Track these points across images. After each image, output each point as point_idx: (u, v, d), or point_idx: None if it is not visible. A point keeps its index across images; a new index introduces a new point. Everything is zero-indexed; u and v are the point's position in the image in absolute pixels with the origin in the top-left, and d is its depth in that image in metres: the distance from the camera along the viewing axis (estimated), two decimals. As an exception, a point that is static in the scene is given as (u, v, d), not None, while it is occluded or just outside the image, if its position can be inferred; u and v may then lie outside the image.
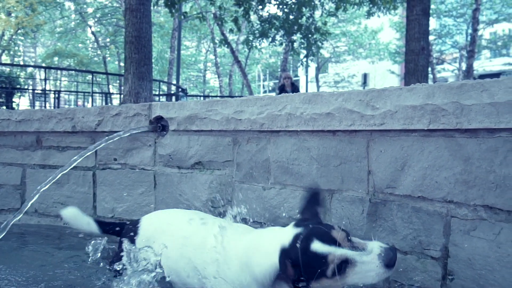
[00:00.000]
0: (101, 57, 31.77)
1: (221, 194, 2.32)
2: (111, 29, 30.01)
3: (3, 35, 26.26)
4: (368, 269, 1.28)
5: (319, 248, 1.28)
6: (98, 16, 29.69)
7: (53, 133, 2.92)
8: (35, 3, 24.01)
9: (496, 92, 1.43)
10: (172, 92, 20.20)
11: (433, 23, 26.92)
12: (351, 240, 1.34)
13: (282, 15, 15.93)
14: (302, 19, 16.16)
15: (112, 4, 28.92)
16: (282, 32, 17.05)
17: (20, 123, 2.97)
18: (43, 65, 28.69)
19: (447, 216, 1.58)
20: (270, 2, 15.33)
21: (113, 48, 30.64)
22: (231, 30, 14.94)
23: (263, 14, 16.10)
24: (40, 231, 2.77)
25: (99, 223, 2.01)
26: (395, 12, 16.49)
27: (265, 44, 19.60)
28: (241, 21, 14.57)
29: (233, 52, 20.46)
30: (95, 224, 1.99)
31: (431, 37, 20.54)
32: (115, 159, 2.74)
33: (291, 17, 15.91)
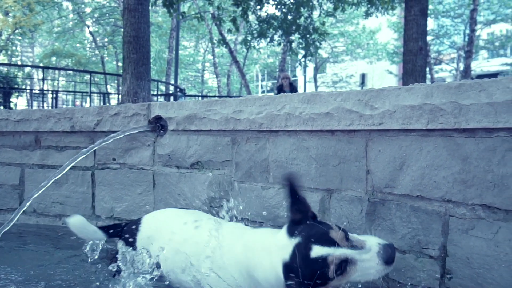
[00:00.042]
0: (99, 57, 31.71)
1: (220, 194, 2.32)
2: (109, 29, 29.97)
3: (0, 34, 26.19)
4: (368, 266, 1.31)
5: (320, 255, 1.30)
6: (96, 16, 29.67)
7: (51, 133, 2.91)
8: (33, 2, 23.96)
9: (494, 92, 1.44)
10: (170, 92, 20.19)
11: (431, 24, 27.01)
12: (349, 239, 1.36)
13: (280, 15, 15.94)
14: (300, 19, 16.19)
15: (110, 4, 28.89)
16: (280, 32, 17.08)
17: (19, 123, 2.96)
18: (41, 65, 28.67)
19: (445, 216, 1.59)
20: (268, 2, 15.34)
21: (111, 48, 30.59)
22: (229, 30, 14.95)
23: (262, 14, 16.11)
24: (39, 231, 2.77)
25: (103, 229, 1.95)
26: (393, 13, 16.54)
27: (263, 44, 19.60)
28: (239, 21, 14.59)
29: (231, 52, 20.45)
30: (101, 231, 1.93)
31: (429, 38, 20.56)
32: (114, 159, 2.74)
33: (289, 17, 15.94)
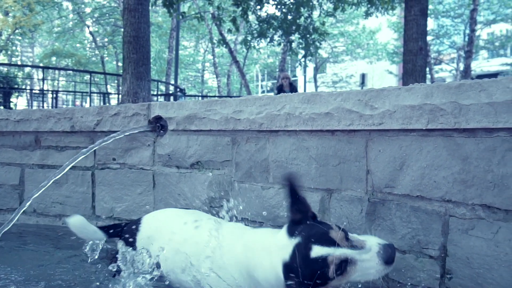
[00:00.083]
0: (99, 57, 31.71)
1: (220, 194, 2.32)
2: (109, 29, 29.98)
3: (0, 34, 26.19)
4: (368, 266, 1.31)
5: (320, 255, 1.30)
6: (96, 16, 29.67)
7: (51, 133, 2.91)
8: (33, 2, 23.96)
9: (494, 92, 1.44)
10: (170, 92, 20.19)
11: (431, 24, 27.00)
12: (349, 239, 1.36)
13: (281, 15, 15.94)
14: (300, 19, 16.19)
15: (110, 4, 28.89)
16: (280, 32, 17.08)
17: (19, 123, 2.96)
18: (41, 65, 28.66)
19: (445, 216, 1.59)
20: (268, 2, 15.34)
21: (111, 48, 30.59)
22: (229, 30, 14.95)
23: (262, 14, 16.11)
24: (39, 231, 2.77)
25: (103, 229, 1.95)
26: (393, 13, 16.54)
27: (263, 44, 19.60)
28: (239, 21, 14.59)
29: (231, 52, 20.45)
30: (101, 231, 1.92)
31: (429, 38, 20.56)
32: (114, 159, 2.74)
33: (289, 17, 15.94)
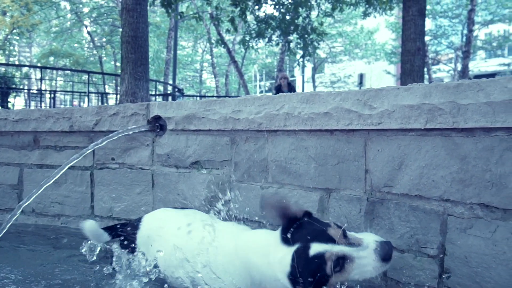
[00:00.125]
0: (97, 57, 31.64)
1: (219, 194, 2.33)
2: (107, 29, 29.93)
3: (-2, 34, 26.15)
4: (365, 263, 1.33)
5: (318, 252, 1.32)
6: (94, 15, 29.60)
7: (50, 133, 2.91)
8: (31, 2, 23.91)
9: (492, 92, 1.45)
10: (169, 92, 20.18)
11: (428, 24, 27.05)
12: (347, 236, 1.40)
13: (279, 15, 15.95)
14: (298, 19, 16.20)
15: (108, 4, 28.85)
16: (278, 32, 17.08)
17: (17, 123, 2.96)
18: (39, 65, 28.58)
19: (443, 215, 1.60)
20: (266, 2, 15.34)
21: (109, 48, 30.53)
22: (227, 30, 14.96)
23: (260, 14, 16.11)
24: (37, 231, 2.77)
25: (106, 230, 1.96)
26: (391, 13, 16.54)
27: (261, 44, 19.64)
28: (237, 21, 14.58)
29: (229, 52, 20.46)
30: (106, 233, 1.94)
31: (426, 38, 20.62)
32: (113, 159, 2.74)
33: (287, 17, 15.94)
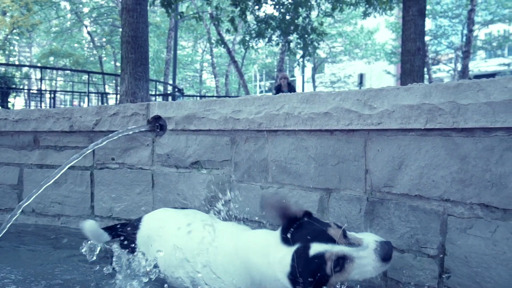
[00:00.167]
0: (97, 57, 31.64)
1: (219, 194, 2.33)
2: (107, 29, 29.93)
3: (-2, 34, 26.16)
4: (365, 263, 1.33)
5: (318, 252, 1.32)
6: (94, 16, 29.60)
7: (50, 133, 2.91)
8: (31, 2, 23.91)
9: (492, 92, 1.45)
10: (169, 92, 20.18)
11: (428, 24, 27.06)
12: (347, 236, 1.39)
13: (279, 15, 15.95)
14: (298, 19, 16.20)
15: (108, 4, 28.85)
16: (278, 32, 17.08)
17: (17, 123, 2.96)
18: (39, 65, 28.58)
19: (443, 215, 1.60)
20: (266, 2, 15.35)
21: (109, 48, 30.53)
22: (227, 30, 14.96)
23: (260, 14, 16.11)
24: (37, 231, 2.77)
25: (105, 230, 1.96)
26: (391, 13, 16.54)
27: (261, 44, 19.64)
28: (237, 21, 14.59)
29: (229, 52, 20.46)
30: (106, 233, 1.94)
31: (426, 38, 20.62)
32: (113, 159, 2.74)
33: (287, 17, 15.94)
